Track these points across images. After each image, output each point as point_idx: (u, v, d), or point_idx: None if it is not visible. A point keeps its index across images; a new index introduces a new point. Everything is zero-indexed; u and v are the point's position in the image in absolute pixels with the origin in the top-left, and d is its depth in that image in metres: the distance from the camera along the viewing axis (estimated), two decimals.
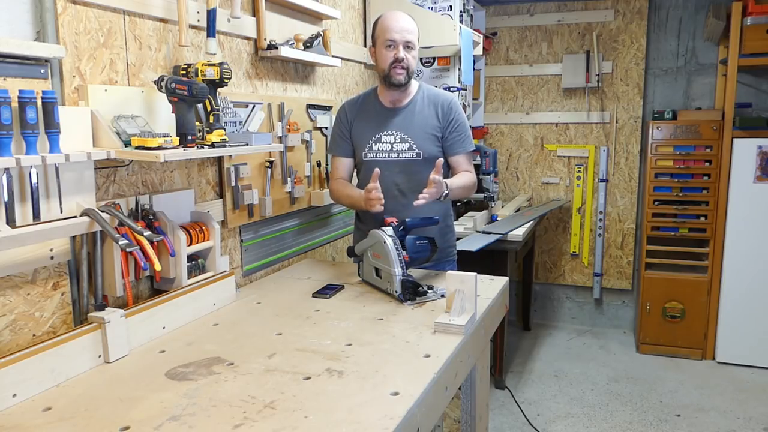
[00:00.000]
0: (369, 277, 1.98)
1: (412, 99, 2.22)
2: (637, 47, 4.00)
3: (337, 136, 2.29)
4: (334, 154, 2.31)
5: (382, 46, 2.11)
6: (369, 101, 2.27)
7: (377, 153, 2.20)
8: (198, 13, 1.78)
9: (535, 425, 2.98)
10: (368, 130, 2.22)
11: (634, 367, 3.70)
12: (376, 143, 2.20)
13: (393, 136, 2.19)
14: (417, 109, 2.20)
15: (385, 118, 2.21)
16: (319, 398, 1.20)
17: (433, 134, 2.19)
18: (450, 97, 2.25)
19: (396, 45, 2.08)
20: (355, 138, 2.26)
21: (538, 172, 4.37)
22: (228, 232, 2.03)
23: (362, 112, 2.26)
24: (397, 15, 2.13)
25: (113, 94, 1.52)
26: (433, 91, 2.27)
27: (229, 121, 1.89)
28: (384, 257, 1.86)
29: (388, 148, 2.19)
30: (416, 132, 2.18)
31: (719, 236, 3.65)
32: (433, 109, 2.20)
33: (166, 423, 1.11)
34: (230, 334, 1.57)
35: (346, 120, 2.27)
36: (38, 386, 1.23)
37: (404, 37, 2.08)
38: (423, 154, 2.17)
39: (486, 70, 4.30)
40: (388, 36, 2.09)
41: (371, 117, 2.24)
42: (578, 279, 4.38)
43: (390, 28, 2.09)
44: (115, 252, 1.49)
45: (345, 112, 2.29)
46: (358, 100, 2.30)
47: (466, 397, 1.83)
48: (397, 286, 1.80)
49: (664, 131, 3.73)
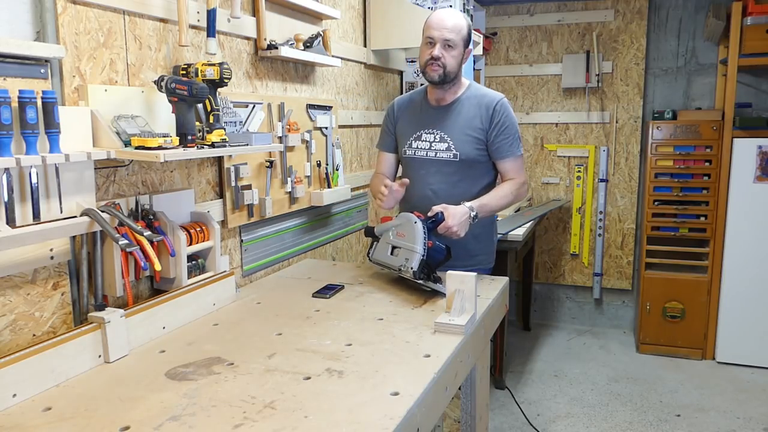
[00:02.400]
0: (381, 256, 1.99)
1: (457, 98, 2.17)
2: (637, 47, 4.00)
3: (384, 131, 2.33)
4: (379, 148, 2.35)
5: (423, 44, 2.10)
6: (418, 98, 2.26)
7: (416, 150, 2.18)
8: (198, 13, 1.78)
9: (535, 425, 2.98)
10: (410, 126, 2.22)
11: (634, 367, 3.70)
12: (416, 141, 2.19)
13: (433, 134, 2.16)
14: (461, 109, 2.15)
15: (427, 115, 2.19)
16: (319, 398, 1.20)
17: (475, 136, 2.12)
18: (498, 97, 2.16)
19: (434, 42, 2.04)
20: (398, 134, 2.27)
21: (538, 172, 4.37)
22: (228, 232, 2.03)
23: (408, 109, 2.26)
24: (444, 13, 2.08)
25: (113, 94, 1.52)
26: (482, 91, 2.21)
27: (229, 121, 1.89)
28: (409, 236, 1.89)
29: (426, 147, 2.17)
30: (456, 132, 2.14)
31: (719, 236, 3.65)
32: (477, 110, 2.14)
33: (166, 423, 1.11)
34: (230, 334, 1.57)
35: (393, 115, 2.29)
36: (38, 386, 1.23)
37: (443, 35, 2.03)
38: (460, 155, 2.12)
39: (486, 70, 4.30)
40: (427, 33, 2.06)
41: (415, 114, 2.23)
42: (578, 279, 4.38)
43: (431, 25, 2.06)
44: (115, 252, 1.49)
45: (393, 107, 2.30)
46: (410, 96, 2.30)
47: (466, 397, 1.83)
48: (415, 263, 1.82)
49: (664, 131, 3.73)
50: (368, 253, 2.06)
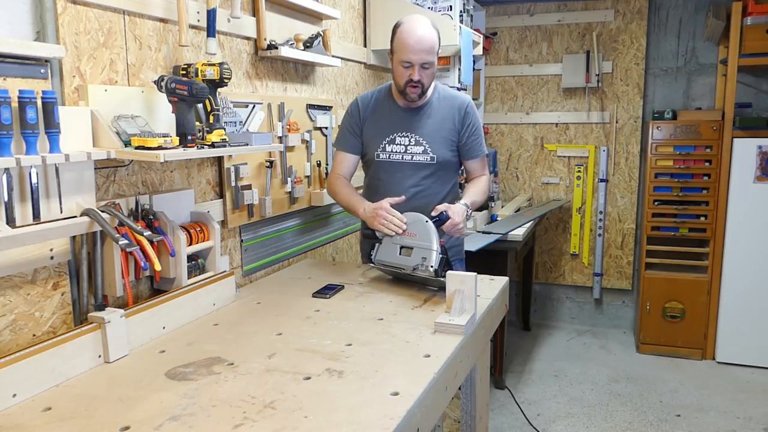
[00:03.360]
0: (387, 257, 1.97)
1: (428, 100, 2.16)
2: (637, 47, 4.00)
3: (347, 131, 2.22)
4: (340, 149, 2.24)
5: (398, 63, 2.04)
6: (383, 99, 2.21)
7: (390, 154, 2.16)
8: (198, 13, 1.78)
9: (535, 425, 2.98)
10: (382, 129, 2.17)
11: (634, 367, 3.70)
12: (390, 144, 2.16)
13: (407, 137, 2.15)
14: (433, 111, 2.15)
15: (399, 118, 2.16)
16: (319, 398, 1.20)
17: (449, 138, 2.15)
18: (467, 100, 2.20)
19: (412, 65, 2.00)
20: (367, 136, 2.20)
21: (538, 172, 4.37)
22: (228, 232, 2.03)
23: (376, 110, 2.20)
24: (416, 31, 1.99)
25: (113, 94, 1.52)
26: (448, 92, 2.22)
27: (229, 121, 1.89)
28: (421, 235, 1.89)
29: (401, 150, 2.15)
30: (431, 135, 2.14)
31: (719, 236, 3.65)
32: (449, 112, 2.15)
33: (166, 423, 1.11)
34: (230, 334, 1.57)
35: (359, 116, 2.20)
36: (38, 386, 1.23)
37: (422, 59, 1.99)
38: (437, 158, 2.13)
39: (486, 70, 4.30)
40: (404, 57, 2.00)
41: (385, 116, 2.18)
42: (578, 279, 4.38)
43: (407, 47, 1.99)
44: (115, 252, 1.49)
45: (358, 107, 2.22)
46: (372, 96, 2.23)
47: (466, 397, 1.83)
48: (435, 261, 1.84)
49: (664, 131, 3.73)
50: (370, 254, 2.05)
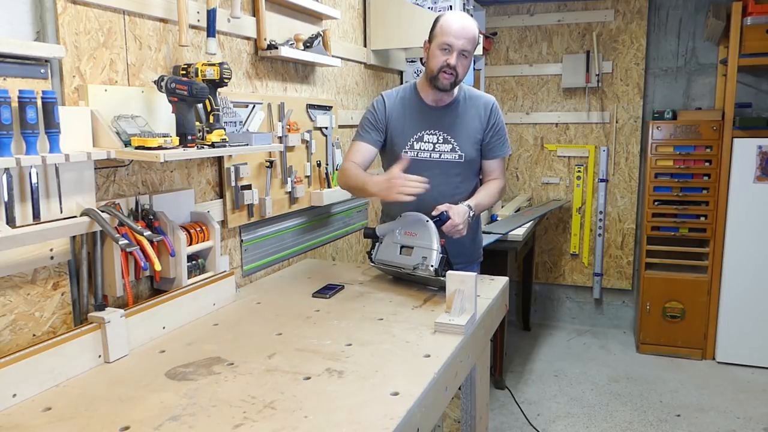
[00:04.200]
0: (387, 257, 1.98)
1: (454, 99, 2.16)
2: (637, 47, 4.00)
3: (370, 124, 2.18)
4: (359, 140, 2.18)
5: (437, 46, 2.02)
6: (410, 97, 2.20)
7: (419, 152, 2.15)
8: (198, 13, 1.78)
9: (535, 425, 2.98)
10: (410, 127, 2.16)
11: (634, 367, 3.70)
12: (418, 142, 2.15)
13: (436, 135, 2.15)
14: (460, 110, 2.16)
15: (427, 116, 2.16)
16: (319, 398, 1.20)
17: (475, 137, 2.16)
18: (492, 99, 2.21)
19: (451, 50, 2.00)
20: (393, 133, 2.18)
21: (538, 172, 4.37)
22: (228, 232, 2.03)
23: (403, 107, 2.18)
24: (463, 20, 2.02)
25: (113, 94, 1.52)
26: (473, 92, 2.22)
27: (229, 121, 1.89)
28: (422, 235, 1.90)
29: (430, 148, 2.15)
30: (460, 134, 2.14)
31: (719, 236, 3.65)
32: (475, 111, 2.16)
33: (166, 423, 1.11)
34: (230, 334, 1.57)
35: (384, 111, 2.17)
36: (38, 386, 1.23)
37: (463, 46, 1.99)
38: (465, 156, 2.14)
39: (486, 70, 4.30)
40: (445, 39, 1.99)
41: (413, 114, 2.17)
42: (578, 279, 4.38)
43: (451, 32, 1.99)
44: (115, 252, 1.49)
45: (383, 103, 2.18)
46: (397, 93, 2.22)
47: (466, 397, 1.83)
48: (435, 261, 1.85)
49: (664, 131, 3.73)
50: (369, 254, 2.05)
